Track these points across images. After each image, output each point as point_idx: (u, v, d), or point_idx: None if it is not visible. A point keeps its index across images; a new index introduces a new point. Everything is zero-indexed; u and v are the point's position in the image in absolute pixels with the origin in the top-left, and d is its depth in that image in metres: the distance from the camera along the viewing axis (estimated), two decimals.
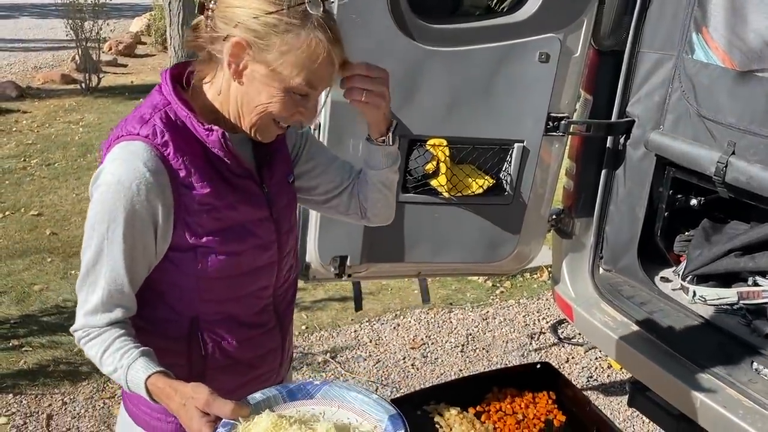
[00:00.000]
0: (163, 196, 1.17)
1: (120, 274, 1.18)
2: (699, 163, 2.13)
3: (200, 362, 1.31)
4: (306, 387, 1.18)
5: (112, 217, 1.16)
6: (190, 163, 1.19)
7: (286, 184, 1.38)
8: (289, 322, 1.49)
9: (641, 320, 2.32)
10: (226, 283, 1.27)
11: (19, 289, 3.83)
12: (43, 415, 2.86)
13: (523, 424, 1.58)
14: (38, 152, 6.36)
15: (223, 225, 1.23)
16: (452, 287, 4.19)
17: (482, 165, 2.35)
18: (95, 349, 1.20)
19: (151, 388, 1.14)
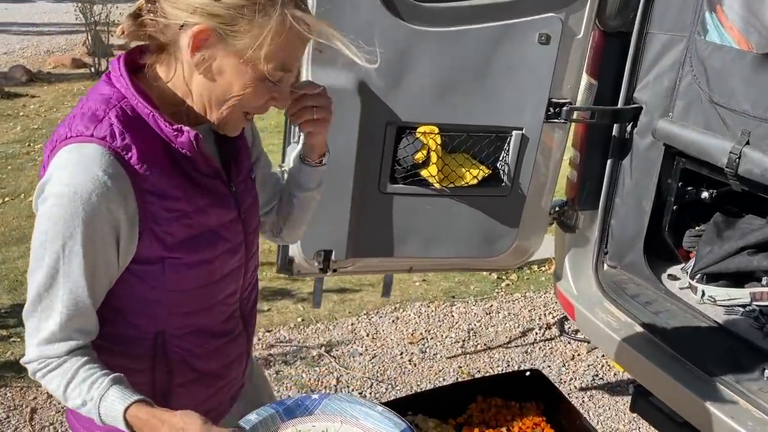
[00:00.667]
0: (125, 205, 1.03)
1: (80, 295, 1.05)
2: (710, 153, 1.97)
3: (165, 379, 1.21)
4: (304, 402, 1.11)
5: (68, 233, 1.01)
6: (154, 167, 1.05)
7: (249, 180, 1.28)
8: (253, 325, 1.39)
9: (645, 321, 2.18)
10: (196, 294, 1.16)
11: (12, 278, 3.77)
12: (27, 408, 2.78)
13: None
14: (43, 137, 6.30)
15: (194, 232, 1.12)
16: (455, 279, 4.05)
17: (477, 154, 2.20)
18: (56, 381, 1.07)
19: (131, 420, 1.03)
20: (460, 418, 1.51)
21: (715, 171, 2.04)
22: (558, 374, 3.22)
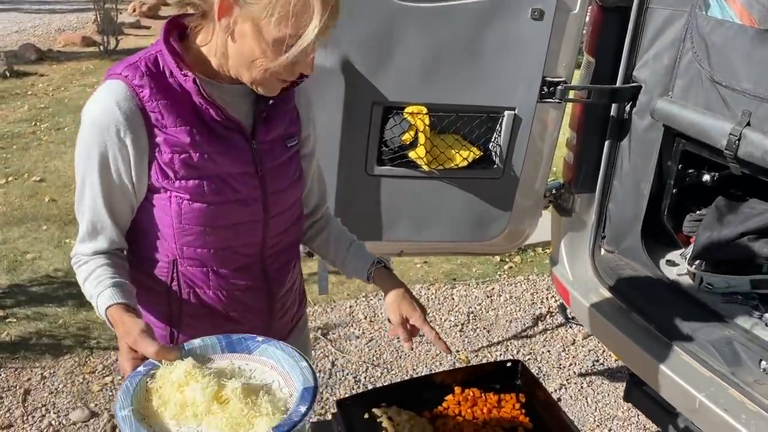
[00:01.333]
0: (136, 136, 1.17)
1: (99, 207, 1.23)
2: (709, 134, 1.88)
3: (177, 306, 1.33)
4: (247, 342, 1.17)
5: (89, 154, 1.19)
6: (167, 107, 1.18)
7: (282, 145, 1.34)
8: (280, 286, 1.43)
9: (641, 309, 2.10)
10: (201, 232, 1.26)
11: (12, 258, 3.77)
12: (21, 389, 2.78)
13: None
14: (49, 116, 6.31)
15: (198, 173, 1.22)
16: (457, 262, 3.99)
17: (468, 135, 2.13)
18: (81, 276, 1.25)
19: (109, 317, 1.17)
20: (436, 410, 1.45)
21: (715, 153, 1.95)
22: (557, 359, 3.16)
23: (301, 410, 1.01)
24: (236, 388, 1.04)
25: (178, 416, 1.04)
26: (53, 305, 3.34)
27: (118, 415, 1.02)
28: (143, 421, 1.03)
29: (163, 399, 1.06)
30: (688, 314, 2.03)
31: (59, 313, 3.28)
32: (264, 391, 1.07)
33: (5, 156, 5.26)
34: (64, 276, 3.60)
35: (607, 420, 2.80)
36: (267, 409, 1.02)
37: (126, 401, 1.04)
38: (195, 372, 1.07)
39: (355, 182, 2.12)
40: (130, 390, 1.06)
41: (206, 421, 1.02)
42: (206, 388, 1.04)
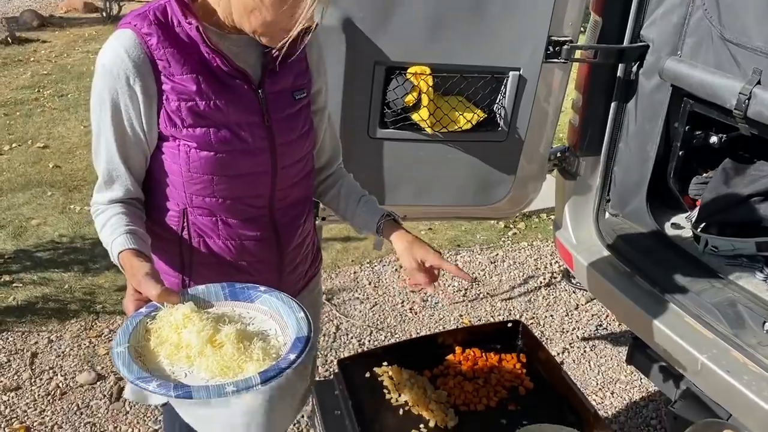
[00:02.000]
0: (144, 83, 1.20)
1: (113, 154, 1.26)
2: (718, 94, 1.84)
3: (188, 254, 1.37)
4: (249, 291, 1.20)
5: (102, 100, 1.22)
6: (174, 55, 1.20)
7: (289, 96, 1.34)
8: (290, 239, 1.45)
9: (645, 271, 2.09)
10: (209, 181, 1.28)
11: (17, 224, 3.78)
12: (28, 353, 2.82)
13: (482, 391, 1.40)
14: (52, 83, 6.27)
15: (204, 122, 1.24)
16: (462, 228, 3.98)
17: (472, 97, 2.10)
18: (99, 224, 1.29)
19: (120, 262, 1.21)
20: (437, 370, 1.45)
21: (724, 113, 1.91)
22: (560, 324, 3.17)
23: (290, 358, 1.03)
24: (230, 333, 1.07)
25: (172, 356, 1.07)
26: (59, 270, 3.36)
27: (114, 351, 1.05)
28: (138, 358, 1.06)
29: (161, 339, 1.09)
30: (693, 277, 2.02)
31: (65, 278, 3.30)
32: (259, 338, 1.10)
33: (8, 123, 5.25)
34: (70, 242, 3.62)
35: (609, 383, 2.81)
36: (258, 355, 1.05)
37: (123, 338, 1.07)
38: (193, 316, 1.10)
39: (357, 145, 2.09)
40: (129, 328, 1.10)
41: (198, 362, 1.05)
42: (201, 331, 1.07)
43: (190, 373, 1.04)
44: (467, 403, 1.37)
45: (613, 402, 2.72)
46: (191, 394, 0.97)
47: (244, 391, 0.97)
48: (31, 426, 2.45)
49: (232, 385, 0.98)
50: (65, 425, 2.46)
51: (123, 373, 1.01)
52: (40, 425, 2.46)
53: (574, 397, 1.35)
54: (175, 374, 1.04)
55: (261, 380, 0.98)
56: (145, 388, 0.98)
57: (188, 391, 0.97)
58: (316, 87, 1.43)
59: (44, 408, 2.54)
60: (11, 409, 2.52)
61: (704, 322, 1.87)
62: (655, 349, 2.01)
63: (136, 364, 1.03)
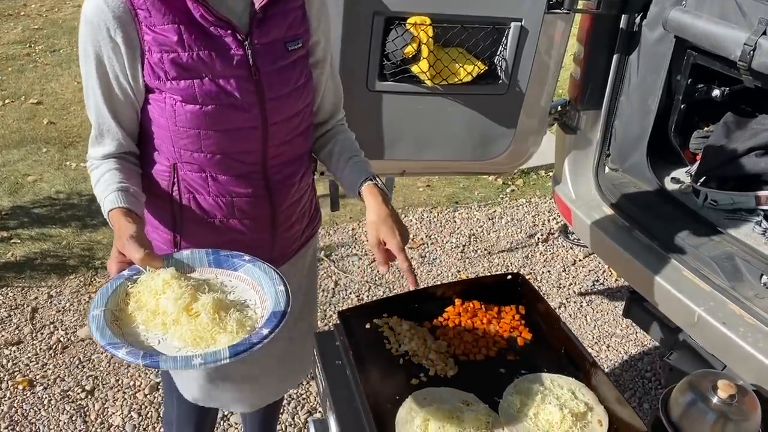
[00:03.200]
0: (126, 34, 1.17)
1: (101, 107, 1.25)
2: (722, 45, 1.81)
3: (179, 211, 1.35)
4: (233, 259, 1.19)
5: (86, 53, 1.21)
6: (155, 4, 1.16)
7: (280, 47, 1.28)
8: (284, 197, 1.42)
9: (644, 225, 2.10)
10: (196, 135, 1.25)
11: (12, 180, 3.76)
12: (28, 308, 2.83)
13: (481, 342, 1.41)
14: (44, 38, 6.15)
15: (188, 74, 1.20)
16: (460, 185, 3.97)
17: (472, 48, 2.06)
18: (93, 179, 1.28)
19: (111, 219, 1.20)
20: (436, 321, 1.46)
21: (727, 65, 1.89)
22: (557, 279, 3.19)
23: (263, 332, 1.02)
24: (207, 303, 1.07)
25: (148, 322, 1.07)
26: (56, 226, 3.36)
27: (90, 314, 1.06)
28: (114, 322, 1.06)
29: (139, 304, 1.09)
30: (691, 231, 2.02)
31: (63, 234, 3.30)
32: (235, 309, 1.09)
33: (1, 79, 5.16)
34: (66, 198, 3.60)
35: (605, 337, 2.85)
36: (232, 327, 1.05)
37: (101, 301, 1.07)
38: (173, 282, 1.09)
39: (355, 98, 2.05)
40: (108, 291, 1.10)
41: (172, 330, 1.05)
42: (179, 299, 1.07)
43: (163, 341, 1.04)
44: (466, 353, 1.38)
45: (609, 355, 2.75)
46: (158, 364, 0.98)
47: (211, 364, 0.98)
48: (34, 379, 2.48)
49: (200, 357, 0.98)
50: (67, 378, 2.49)
51: (95, 337, 1.01)
52: (43, 378, 2.49)
53: (572, 347, 1.36)
54: (148, 340, 1.04)
55: (230, 354, 0.98)
56: (115, 354, 0.98)
57: (156, 361, 0.98)
58: (315, 37, 1.36)
59: (46, 362, 2.56)
60: (13, 362, 2.55)
61: (702, 276, 1.89)
62: (653, 302, 2.03)
63: (110, 329, 1.03)
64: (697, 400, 1.18)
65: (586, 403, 1.24)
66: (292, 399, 2.45)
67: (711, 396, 1.18)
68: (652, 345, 2.77)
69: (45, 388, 2.44)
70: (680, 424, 1.20)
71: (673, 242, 2.01)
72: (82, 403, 2.39)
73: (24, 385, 2.44)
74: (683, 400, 1.21)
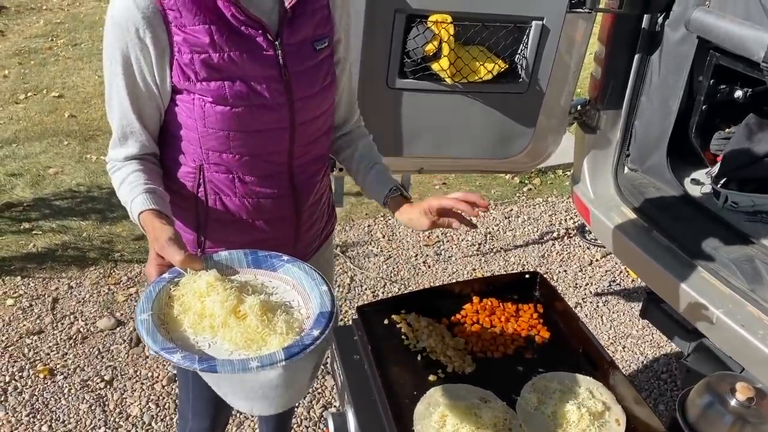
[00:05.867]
0: (155, 35, 1.16)
1: (126, 109, 1.23)
2: (745, 46, 1.80)
3: (204, 211, 1.35)
4: (272, 259, 1.17)
5: (112, 54, 1.19)
6: (185, 4, 1.16)
7: (309, 47, 1.28)
8: (307, 196, 1.43)
9: (663, 226, 2.09)
10: (226, 137, 1.25)
11: (34, 172, 3.81)
12: (49, 298, 2.87)
13: (499, 340, 1.42)
14: (66, 32, 6.23)
15: (219, 75, 1.20)
16: (476, 183, 3.97)
17: (493, 47, 2.06)
18: (116, 181, 1.27)
19: (141, 223, 1.20)
20: (454, 318, 1.47)
21: (750, 67, 1.87)
22: (574, 279, 3.18)
23: (314, 334, 1.01)
24: (254, 305, 1.05)
25: (195, 326, 1.05)
26: (77, 219, 3.40)
27: (138, 318, 1.03)
28: (161, 326, 1.04)
29: (184, 307, 1.07)
30: (711, 233, 2.01)
31: (83, 227, 3.34)
32: (282, 310, 1.07)
33: (23, 72, 5.24)
34: (87, 190, 3.65)
35: (621, 338, 2.84)
36: (281, 329, 1.03)
37: (147, 305, 1.05)
38: (217, 284, 1.08)
39: (375, 95, 2.07)
40: (152, 295, 1.07)
41: (221, 333, 1.03)
42: (225, 301, 1.05)
43: (214, 344, 1.03)
44: (484, 351, 1.39)
45: (625, 356, 2.75)
46: (216, 368, 0.95)
47: (268, 367, 0.96)
48: (54, 368, 2.52)
49: (257, 360, 0.96)
50: (87, 368, 2.53)
51: (147, 343, 1.00)
52: (63, 367, 2.53)
53: (590, 346, 1.37)
54: (198, 344, 1.03)
55: (285, 357, 0.96)
56: (170, 359, 0.97)
57: (213, 365, 0.96)
58: (338, 35, 1.37)
59: (66, 351, 2.60)
60: (35, 351, 2.59)
61: (721, 278, 1.88)
62: (670, 303, 2.02)
63: (160, 333, 1.01)
64: (715, 402, 1.18)
65: (603, 403, 1.25)
66: (308, 393, 2.47)
67: (729, 398, 1.18)
68: (668, 347, 2.76)
69: (65, 377, 2.48)
70: (697, 426, 1.20)
71: (693, 244, 2.00)
72: (102, 393, 2.43)
73: (45, 374, 2.48)
74: (701, 402, 1.21)
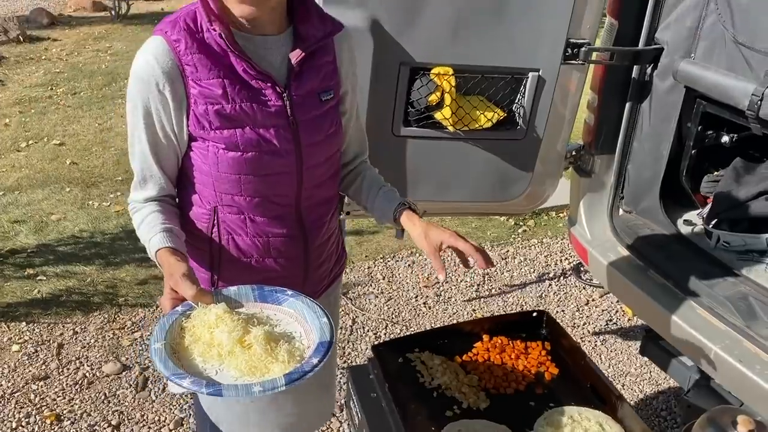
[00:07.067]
0: (173, 88, 1.26)
1: (147, 155, 1.34)
2: (731, 95, 1.91)
3: (217, 251, 1.43)
4: (277, 294, 1.27)
5: (135, 105, 1.30)
6: (201, 60, 1.25)
7: (315, 98, 1.37)
8: (316, 236, 1.50)
9: (658, 266, 2.17)
10: (237, 180, 1.34)
11: (37, 219, 3.86)
12: (55, 343, 2.89)
13: (511, 376, 1.48)
14: (65, 81, 6.35)
15: (231, 124, 1.29)
16: (472, 225, 4.06)
17: (492, 96, 2.17)
18: (136, 221, 1.36)
19: (158, 260, 1.29)
20: (466, 356, 1.53)
21: (736, 114, 1.99)
22: (571, 319, 3.24)
23: (313, 362, 1.10)
24: (259, 335, 1.14)
25: (205, 354, 1.14)
26: (81, 264, 3.44)
27: (152, 347, 1.13)
28: (173, 354, 1.13)
29: (194, 337, 1.16)
30: (705, 271, 2.09)
31: (87, 272, 3.38)
32: (284, 340, 1.17)
33: (24, 120, 5.32)
34: (90, 236, 3.69)
35: (620, 376, 2.89)
36: (283, 357, 1.12)
37: (161, 335, 1.15)
38: (225, 317, 1.17)
39: (381, 143, 2.16)
40: (165, 326, 1.17)
41: (228, 361, 1.12)
42: (232, 332, 1.14)
43: (221, 371, 1.12)
44: (497, 387, 1.45)
45: (624, 394, 2.79)
46: (221, 392, 1.05)
47: (270, 392, 1.05)
48: (61, 414, 2.53)
49: (259, 385, 1.05)
50: (94, 413, 2.54)
51: (159, 369, 1.09)
52: (70, 413, 2.54)
53: (598, 381, 1.43)
54: (206, 371, 1.12)
55: (285, 382, 1.06)
56: (180, 384, 1.06)
57: (219, 389, 1.05)
58: (344, 88, 1.47)
59: (73, 396, 2.61)
60: (41, 397, 2.60)
61: (717, 314, 1.95)
62: (669, 340, 2.08)
63: (172, 360, 1.10)
64: None
65: None
66: None
67: (731, 431, 1.23)
68: (666, 384, 2.81)
69: (72, 422, 2.49)
70: None
71: (688, 282, 2.07)
72: None
73: (51, 420, 2.49)
74: None
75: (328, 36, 1.38)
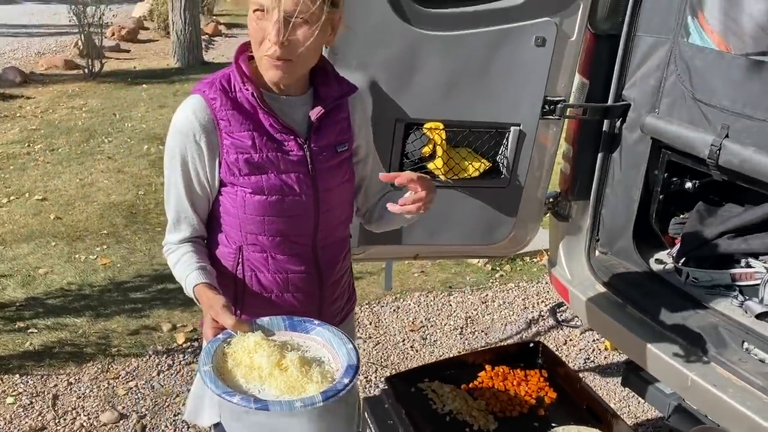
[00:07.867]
0: (208, 139, 1.43)
1: (182, 199, 1.49)
2: (693, 145, 2.15)
3: (242, 286, 1.57)
4: (306, 324, 1.40)
5: (173, 155, 1.46)
6: (234, 116, 1.42)
7: (331, 150, 1.54)
8: (330, 274, 1.64)
9: (635, 301, 2.35)
10: (261, 221, 1.49)
11: (24, 273, 3.88)
12: (49, 395, 2.91)
13: (515, 401, 1.61)
14: (42, 137, 6.40)
15: (258, 171, 1.45)
16: (452, 270, 4.22)
17: (479, 148, 2.37)
18: (172, 261, 1.50)
19: (195, 295, 1.42)
20: (473, 384, 1.67)
21: (698, 162, 2.22)
22: None
23: (345, 382, 1.24)
24: (294, 359, 1.28)
25: (247, 376, 1.27)
26: (71, 316, 3.47)
27: (201, 369, 1.26)
28: (219, 377, 1.26)
29: (236, 361, 1.29)
30: (678, 305, 2.28)
31: (78, 324, 3.41)
32: (316, 364, 1.30)
33: (3, 176, 5.35)
34: (78, 289, 3.73)
35: None
36: (317, 378, 1.26)
37: (207, 359, 1.28)
38: (263, 343, 1.30)
39: None
40: (210, 351, 1.30)
41: (268, 382, 1.26)
42: (270, 356, 1.28)
43: (262, 390, 1.25)
44: (503, 410, 1.58)
45: None
46: (268, 407, 1.18)
47: (310, 406, 1.18)
48: None
49: (300, 401, 1.19)
50: None
51: (211, 388, 1.21)
52: None
53: (593, 402, 1.58)
54: (250, 391, 1.25)
55: (323, 399, 1.19)
56: (230, 400, 1.18)
57: (265, 404, 1.18)
58: (357, 142, 1.66)
59: None
60: None
61: (691, 343, 2.13)
62: (648, 369, 2.25)
63: (220, 380, 1.23)
64: None
65: None
66: None
67: None
68: (646, 416, 2.97)
69: None
70: None
71: (663, 315, 2.26)
72: None
73: None
74: None
75: (343, 96, 1.57)
